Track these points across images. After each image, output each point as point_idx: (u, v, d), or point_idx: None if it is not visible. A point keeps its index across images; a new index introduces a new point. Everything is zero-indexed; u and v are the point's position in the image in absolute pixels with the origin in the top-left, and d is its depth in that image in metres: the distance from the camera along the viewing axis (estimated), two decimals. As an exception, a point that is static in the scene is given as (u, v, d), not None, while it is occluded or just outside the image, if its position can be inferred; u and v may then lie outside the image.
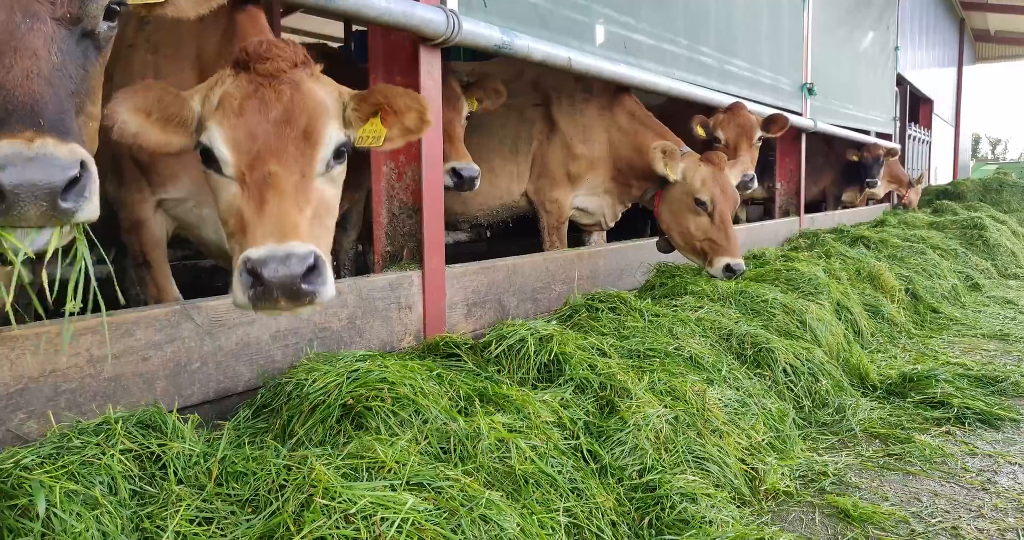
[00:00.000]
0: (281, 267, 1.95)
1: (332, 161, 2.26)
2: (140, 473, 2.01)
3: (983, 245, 9.53)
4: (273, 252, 1.96)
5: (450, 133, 4.17)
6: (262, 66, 2.18)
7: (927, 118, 22.04)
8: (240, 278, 1.98)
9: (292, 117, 2.17)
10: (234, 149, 2.15)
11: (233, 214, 2.15)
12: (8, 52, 1.52)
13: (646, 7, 5.78)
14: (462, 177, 4.18)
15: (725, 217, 4.84)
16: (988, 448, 3.60)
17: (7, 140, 1.45)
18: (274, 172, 2.10)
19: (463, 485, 2.16)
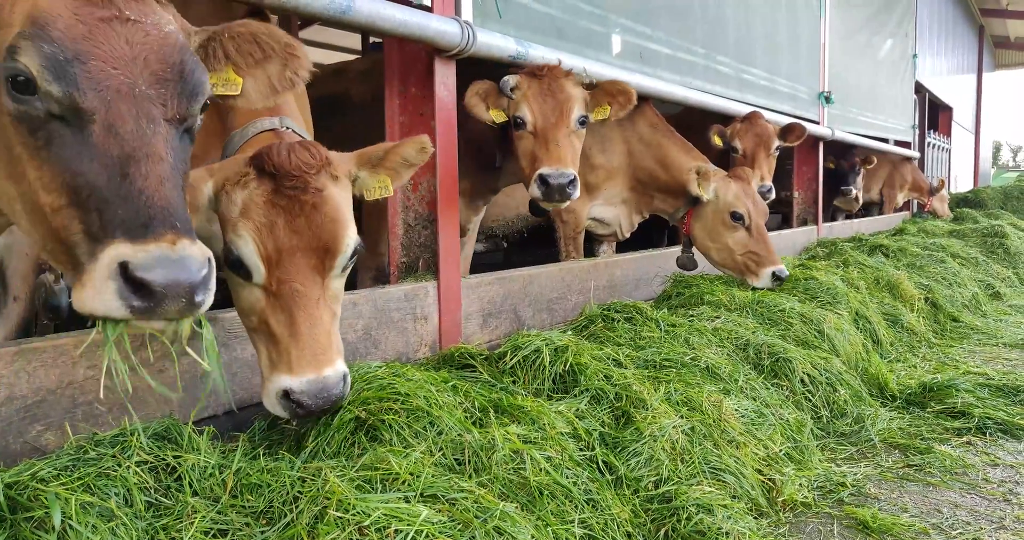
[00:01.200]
0: (321, 397, 2.17)
1: (348, 261, 2.34)
2: (156, 485, 2.01)
3: (1004, 253, 9.44)
4: (312, 385, 2.18)
5: (548, 137, 3.94)
6: (289, 182, 2.22)
7: (946, 126, 21.90)
8: (280, 401, 2.19)
9: (318, 231, 2.23)
10: (265, 262, 2.21)
11: (257, 316, 2.25)
12: (143, 159, 1.61)
13: (663, 16, 5.78)
14: (548, 184, 3.80)
15: (762, 229, 4.98)
16: (1010, 459, 3.56)
17: (155, 244, 1.56)
18: (301, 289, 2.21)
19: (477, 497, 2.15)
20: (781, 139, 6.43)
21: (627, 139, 5.54)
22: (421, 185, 3.74)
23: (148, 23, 1.69)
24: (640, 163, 5.48)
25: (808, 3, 8.81)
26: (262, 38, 1.81)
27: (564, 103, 4.00)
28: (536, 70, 4.03)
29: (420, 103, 3.72)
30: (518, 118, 4.00)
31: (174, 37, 1.72)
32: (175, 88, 1.68)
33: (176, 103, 1.69)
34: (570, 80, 4.08)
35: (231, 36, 1.81)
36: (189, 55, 1.73)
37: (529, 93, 3.98)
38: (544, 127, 3.95)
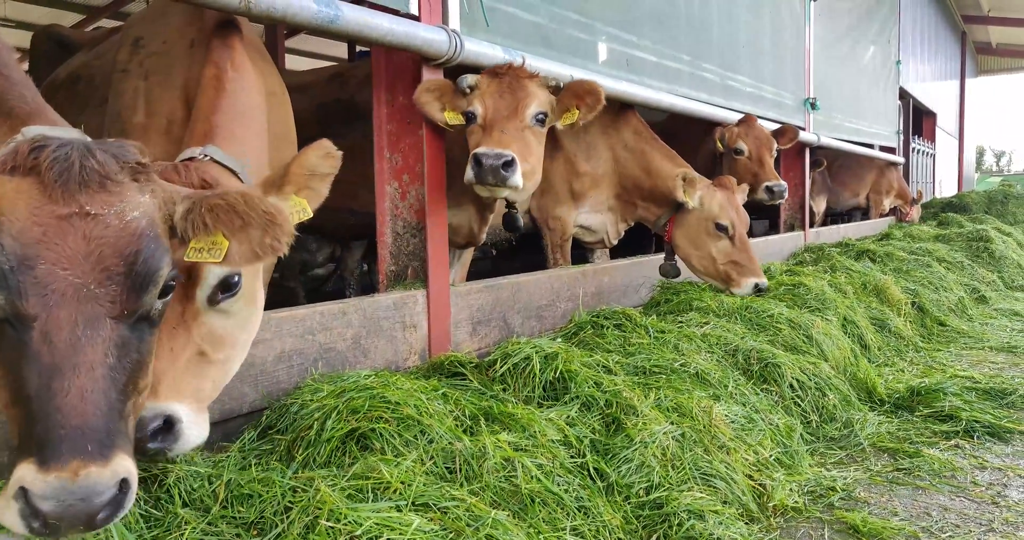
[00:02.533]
0: None
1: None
2: (146, 496, 2.00)
3: (989, 257, 9.50)
4: None
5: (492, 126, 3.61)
6: None
7: (930, 131, 22.06)
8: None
9: None
10: None
11: None
12: (69, 372, 1.55)
13: (648, 25, 5.81)
14: (481, 164, 3.45)
15: (745, 239, 4.98)
16: (998, 461, 3.58)
17: (55, 474, 1.49)
18: None
19: (469, 505, 2.15)
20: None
21: (612, 146, 5.55)
22: (410, 194, 3.74)
23: (110, 214, 1.65)
24: (625, 170, 5.49)
25: (792, 10, 8.87)
26: (240, 208, 1.75)
27: (521, 99, 3.69)
28: (498, 69, 3.77)
29: (408, 112, 3.73)
30: (470, 113, 3.68)
31: (135, 225, 1.67)
32: (127, 282, 1.63)
33: (126, 298, 1.64)
34: (534, 81, 3.80)
35: (208, 208, 1.75)
36: (148, 242, 1.67)
37: (487, 91, 3.69)
38: (493, 119, 3.63)
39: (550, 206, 5.56)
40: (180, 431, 1.99)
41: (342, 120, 5.06)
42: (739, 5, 7.48)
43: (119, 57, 3.24)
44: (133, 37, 3.24)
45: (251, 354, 2.79)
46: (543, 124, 3.80)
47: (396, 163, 3.75)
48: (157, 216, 1.74)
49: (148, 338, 1.72)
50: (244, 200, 1.77)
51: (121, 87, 3.14)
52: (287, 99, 3.40)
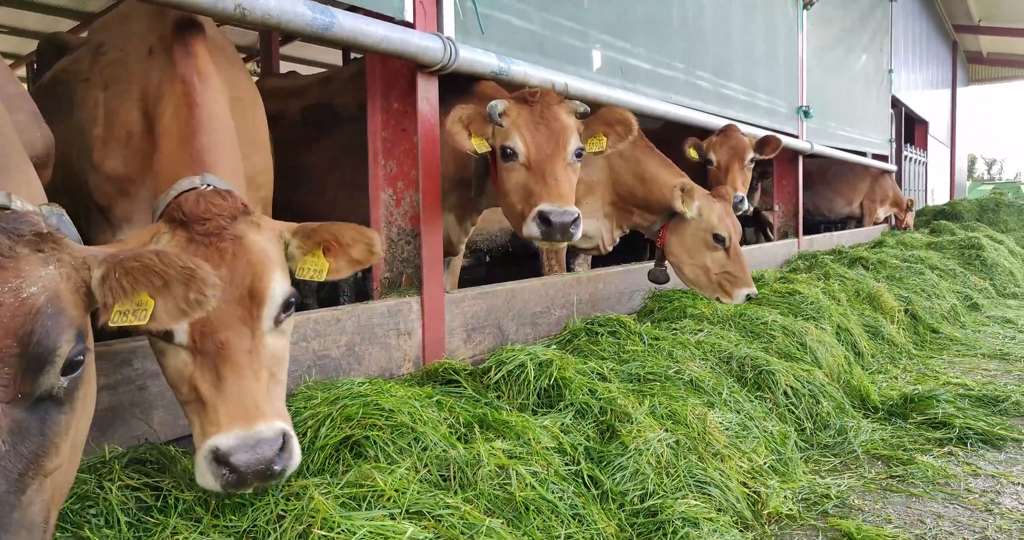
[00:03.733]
0: (253, 455, 1.89)
1: (281, 315, 2.16)
2: (136, 506, 1.99)
3: (981, 265, 9.54)
4: (243, 440, 1.90)
5: (545, 170, 3.55)
6: (201, 227, 2.10)
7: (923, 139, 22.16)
8: (209, 466, 1.89)
9: (238, 278, 2.08)
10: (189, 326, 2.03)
11: (185, 383, 2.05)
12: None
13: (642, 32, 5.83)
14: (550, 223, 3.40)
15: (739, 250, 4.99)
16: (991, 468, 3.58)
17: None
18: (226, 341, 2.02)
19: (463, 513, 2.14)
20: (757, 151, 6.48)
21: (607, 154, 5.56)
22: (404, 200, 3.74)
23: (5, 291, 1.55)
24: (620, 178, 5.50)
25: (786, 19, 8.91)
26: (157, 268, 1.65)
27: (560, 133, 3.61)
28: (528, 95, 3.68)
29: (402, 118, 3.73)
30: (508, 148, 3.59)
31: (31, 302, 1.56)
32: (20, 364, 1.52)
33: (20, 381, 1.53)
34: (563, 107, 3.72)
35: (125, 271, 1.65)
36: (45, 320, 1.56)
37: (520, 121, 3.61)
38: (539, 159, 3.55)
39: None
40: (293, 447, 1.99)
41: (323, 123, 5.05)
42: (733, 13, 7.51)
43: (82, 65, 3.18)
44: (96, 43, 3.17)
45: (244, 361, 2.78)
46: (580, 159, 3.77)
47: (391, 170, 3.75)
48: (63, 288, 1.63)
49: (55, 417, 1.60)
50: (160, 259, 1.68)
51: (83, 97, 3.08)
52: (258, 101, 3.28)
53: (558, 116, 3.65)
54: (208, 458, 1.91)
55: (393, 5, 3.51)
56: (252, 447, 1.90)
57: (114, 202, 3.00)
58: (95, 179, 3.00)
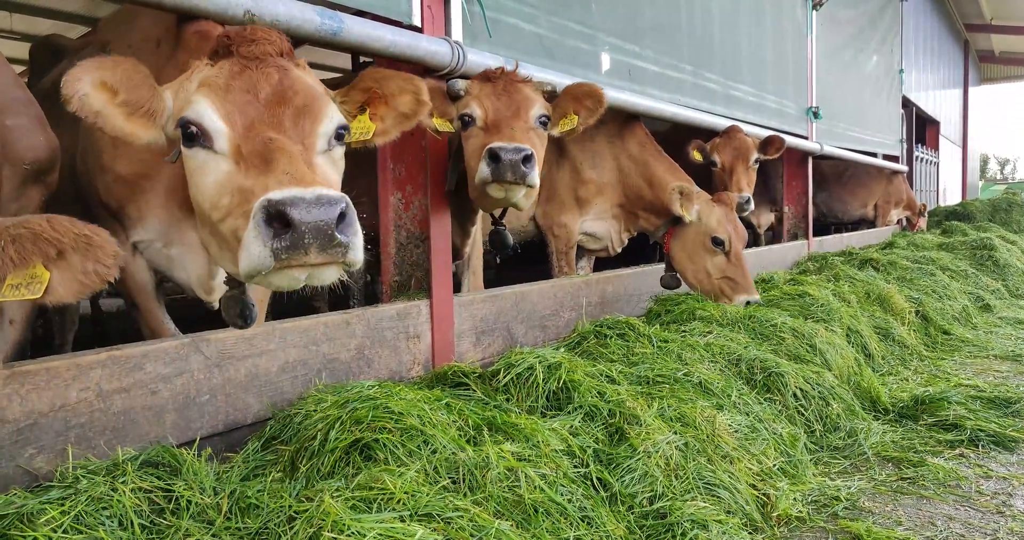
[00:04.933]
0: (313, 208, 1.73)
1: (333, 140, 2.11)
2: (149, 509, 2.01)
3: (993, 266, 9.48)
4: (300, 193, 1.76)
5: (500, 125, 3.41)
6: (247, 48, 2.06)
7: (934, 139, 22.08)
8: (259, 228, 1.75)
9: (286, 95, 2.03)
10: (227, 119, 2.00)
11: (228, 192, 1.94)
12: None
13: (651, 35, 5.83)
14: (499, 160, 3.19)
15: (740, 255, 4.99)
16: (1003, 470, 3.57)
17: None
18: (275, 138, 1.94)
19: (472, 515, 2.15)
20: (761, 152, 6.48)
21: (616, 156, 5.59)
22: (413, 204, 3.76)
23: None
24: (628, 180, 5.52)
25: (794, 20, 8.89)
26: (48, 235, 1.55)
27: (521, 102, 3.49)
28: (490, 73, 3.59)
29: (411, 123, 3.74)
30: (466, 115, 3.49)
31: None
32: None
33: None
34: (528, 85, 3.62)
35: (11, 239, 1.54)
36: None
37: (481, 93, 3.51)
38: (496, 120, 3.42)
39: (555, 213, 5.58)
40: (357, 227, 1.87)
41: None
42: (741, 15, 7.51)
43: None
44: (101, 42, 3.19)
45: (255, 364, 2.81)
46: (546, 128, 3.62)
47: (399, 174, 3.77)
48: None
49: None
50: (51, 225, 1.60)
51: None
52: None
53: (520, 89, 3.56)
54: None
55: (401, 10, 3.53)
56: (312, 201, 1.75)
57: (126, 203, 3.01)
58: (104, 181, 3.01)
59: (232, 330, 2.80)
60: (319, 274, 1.85)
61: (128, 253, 3.11)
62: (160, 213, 2.99)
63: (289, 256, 1.74)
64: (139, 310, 3.24)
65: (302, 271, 1.80)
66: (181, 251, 3.06)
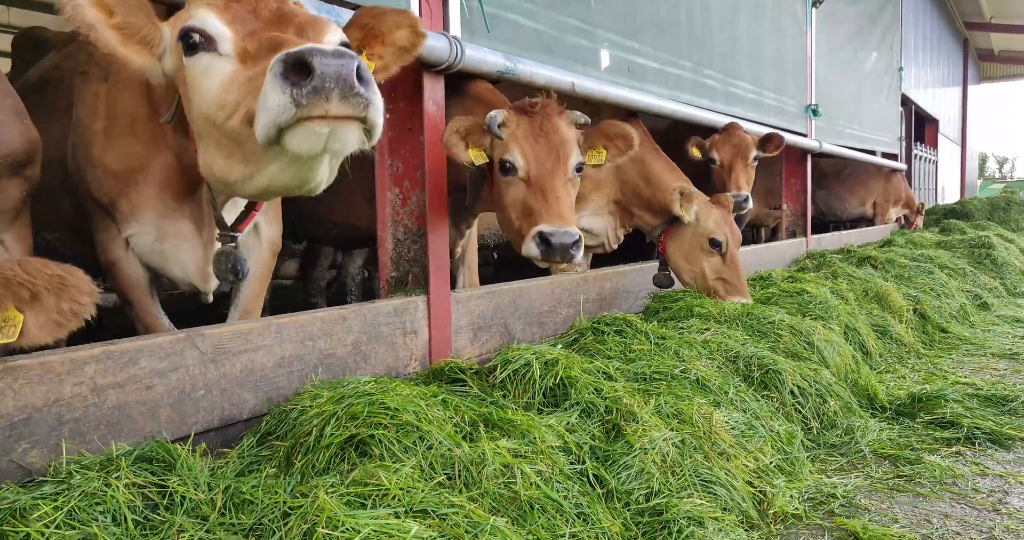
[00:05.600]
0: (332, 58, 1.75)
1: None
2: (143, 505, 2.00)
3: (991, 264, 9.48)
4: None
5: (545, 187, 3.49)
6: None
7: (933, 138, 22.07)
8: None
9: (287, 17, 2.11)
10: (229, 25, 2.07)
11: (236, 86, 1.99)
12: None
13: (650, 31, 5.82)
14: (550, 244, 3.35)
15: (736, 257, 5.03)
16: (999, 468, 3.57)
17: None
18: (281, 35, 2.00)
19: (468, 511, 2.15)
20: (760, 149, 6.47)
21: None
22: (410, 200, 3.75)
23: None
24: (626, 176, 5.51)
25: (794, 17, 8.88)
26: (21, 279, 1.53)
27: (560, 147, 3.56)
28: (528, 106, 3.63)
29: (408, 119, 3.73)
30: (507, 162, 3.55)
31: None
32: None
33: None
34: (564, 119, 3.66)
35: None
36: None
37: (519, 133, 3.55)
38: (539, 175, 3.50)
39: None
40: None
41: None
42: (741, 12, 7.49)
43: (80, 58, 3.16)
44: None
45: (251, 360, 2.80)
46: (579, 173, 3.73)
47: (397, 169, 3.76)
48: None
49: None
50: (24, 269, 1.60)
51: (82, 91, 3.07)
52: None
53: (558, 128, 3.60)
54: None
55: (399, 4, 3.51)
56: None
57: (117, 197, 2.99)
58: (95, 175, 2.99)
59: (228, 325, 2.79)
60: (340, 133, 1.84)
61: (121, 248, 3.10)
62: (153, 205, 2.98)
63: (310, 102, 1.74)
64: (133, 306, 3.22)
65: (324, 124, 1.79)
66: (175, 243, 3.05)
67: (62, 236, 3.70)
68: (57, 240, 3.74)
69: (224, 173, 2.16)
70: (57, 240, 3.74)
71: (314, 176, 2.07)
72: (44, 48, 4.50)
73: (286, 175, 2.03)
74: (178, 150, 2.83)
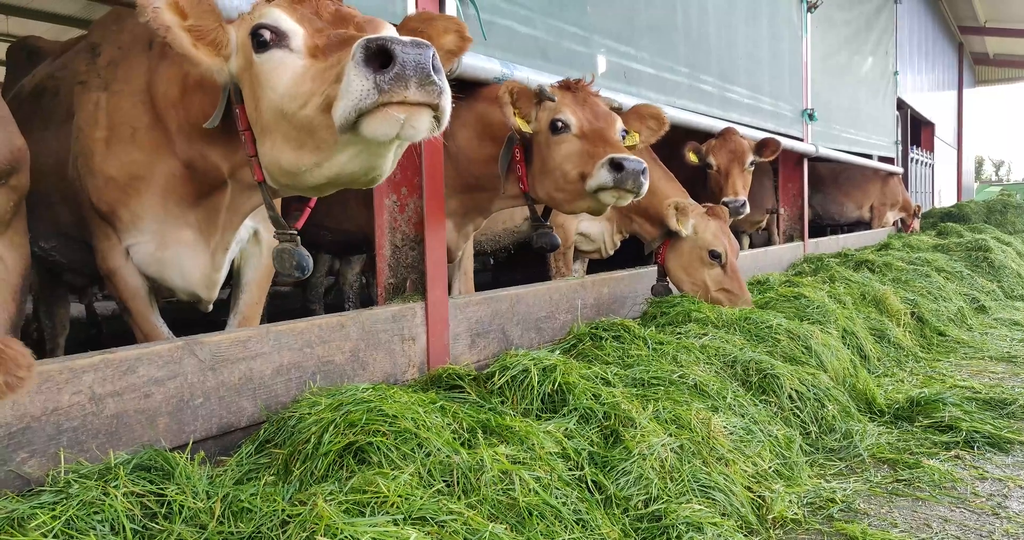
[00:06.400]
0: (411, 47, 1.87)
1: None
2: (142, 513, 2.00)
3: (988, 267, 9.49)
4: (398, 37, 1.99)
5: (603, 136, 3.68)
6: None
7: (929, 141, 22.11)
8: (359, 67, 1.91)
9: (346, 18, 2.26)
10: (299, 22, 2.20)
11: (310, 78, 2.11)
12: None
13: (646, 37, 5.84)
14: (623, 168, 3.48)
15: (736, 267, 5.08)
16: (998, 472, 3.57)
17: None
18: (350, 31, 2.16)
19: (466, 518, 2.15)
20: (756, 154, 6.49)
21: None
22: (408, 206, 3.75)
23: None
24: None
25: (790, 22, 8.91)
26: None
27: (606, 116, 3.80)
28: (569, 83, 3.87)
29: (405, 125, 3.73)
30: (559, 121, 3.70)
31: None
32: None
33: None
34: (601, 98, 3.92)
35: None
36: None
37: (568, 103, 3.76)
38: (593, 129, 3.69)
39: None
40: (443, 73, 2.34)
41: None
42: (737, 17, 7.51)
43: (79, 67, 3.18)
44: (91, 45, 3.17)
45: (249, 367, 2.80)
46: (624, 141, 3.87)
47: (394, 176, 3.76)
48: None
49: None
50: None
51: (81, 100, 3.08)
52: None
53: (599, 104, 3.84)
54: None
55: (396, 11, 3.52)
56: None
57: (118, 206, 2.99)
58: (95, 184, 2.99)
59: (226, 333, 2.79)
60: (415, 119, 1.94)
61: (121, 257, 3.10)
62: (154, 214, 2.98)
63: (391, 88, 1.86)
64: (132, 314, 3.22)
65: (402, 110, 1.90)
66: (176, 252, 3.05)
67: (58, 244, 3.71)
68: (53, 249, 3.74)
69: (292, 164, 2.25)
70: (53, 249, 3.74)
71: (381, 164, 2.20)
72: (38, 58, 4.50)
73: (355, 163, 2.15)
74: (190, 157, 2.85)
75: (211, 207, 3.01)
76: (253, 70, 2.27)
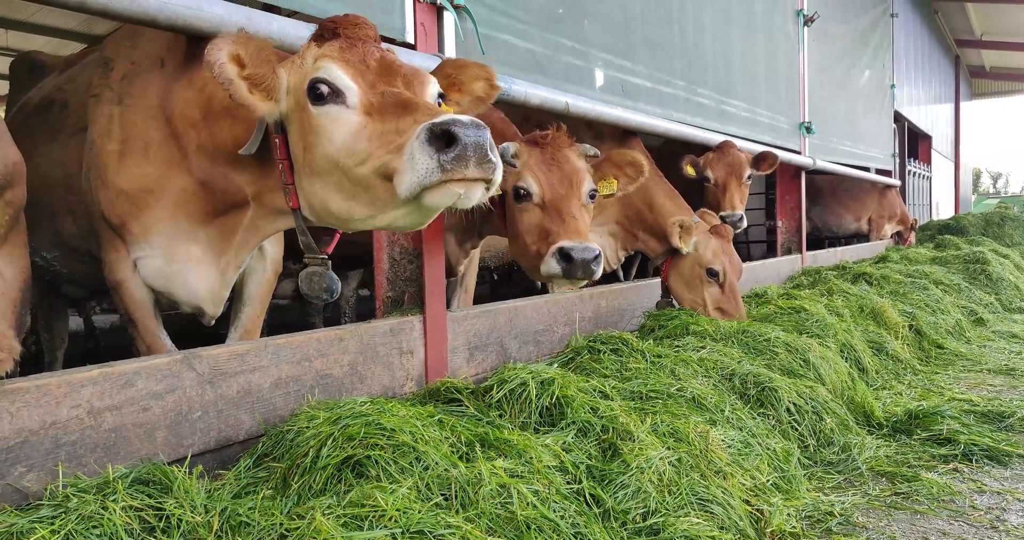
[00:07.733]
0: (471, 128, 2.03)
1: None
2: (140, 528, 2.00)
3: (986, 279, 9.50)
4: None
5: (561, 209, 3.61)
6: (351, 31, 2.43)
7: (926, 154, 22.17)
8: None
9: (392, 67, 2.39)
10: (354, 79, 2.31)
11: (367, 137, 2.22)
12: None
13: (643, 51, 5.87)
14: (571, 260, 3.47)
15: (735, 287, 5.12)
16: (996, 485, 3.57)
17: None
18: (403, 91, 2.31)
19: (464, 532, 2.15)
20: (754, 167, 6.51)
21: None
22: (406, 220, 3.76)
23: None
24: (629, 200, 5.55)
25: (787, 36, 8.96)
26: None
27: (573, 175, 3.67)
28: (539, 138, 3.78)
29: (404, 139, 3.74)
30: (521, 189, 3.65)
31: None
32: None
33: None
34: (574, 150, 3.79)
35: None
36: None
37: (531, 162, 3.68)
38: (554, 198, 3.60)
39: None
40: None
41: None
42: (734, 31, 7.56)
43: (91, 80, 3.20)
44: (103, 59, 3.20)
45: (248, 381, 2.80)
46: (592, 201, 3.82)
47: (393, 190, 3.77)
48: None
49: None
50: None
51: (95, 113, 3.11)
52: None
53: (569, 158, 3.74)
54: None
55: (395, 27, 3.55)
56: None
57: (128, 219, 3.01)
58: (107, 196, 3.01)
59: (225, 346, 2.80)
60: (470, 192, 2.12)
61: (128, 269, 3.12)
62: (164, 228, 3.00)
63: (453, 167, 2.03)
64: (136, 326, 3.23)
65: (460, 186, 2.08)
66: (184, 267, 3.07)
67: (61, 255, 3.72)
68: (56, 259, 3.76)
69: (344, 211, 2.39)
70: (56, 259, 3.76)
71: (429, 220, 2.39)
72: (41, 72, 4.53)
73: (408, 219, 2.32)
74: (210, 177, 2.89)
75: (227, 226, 3.04)
76: (308, 119, 2.37)
